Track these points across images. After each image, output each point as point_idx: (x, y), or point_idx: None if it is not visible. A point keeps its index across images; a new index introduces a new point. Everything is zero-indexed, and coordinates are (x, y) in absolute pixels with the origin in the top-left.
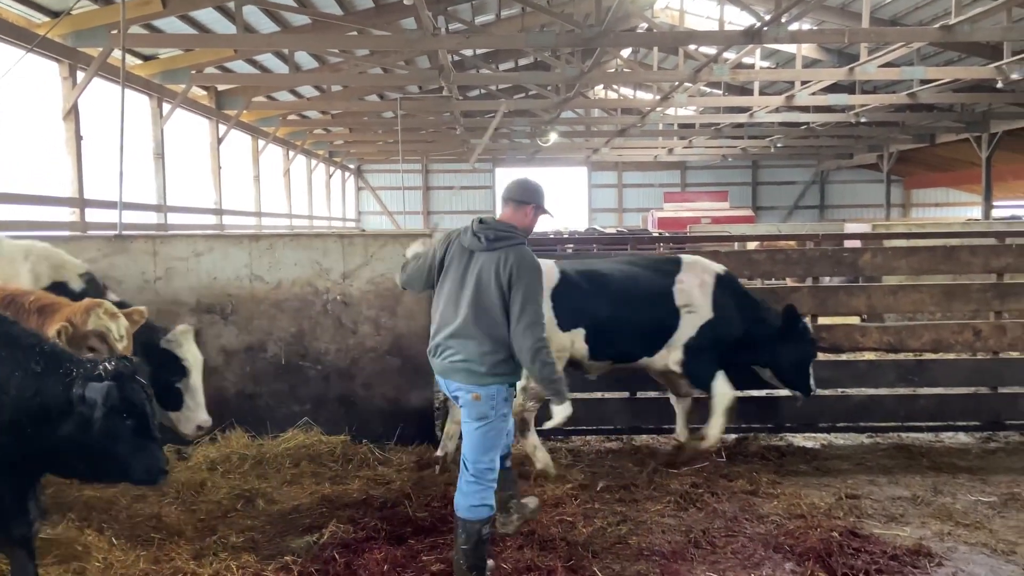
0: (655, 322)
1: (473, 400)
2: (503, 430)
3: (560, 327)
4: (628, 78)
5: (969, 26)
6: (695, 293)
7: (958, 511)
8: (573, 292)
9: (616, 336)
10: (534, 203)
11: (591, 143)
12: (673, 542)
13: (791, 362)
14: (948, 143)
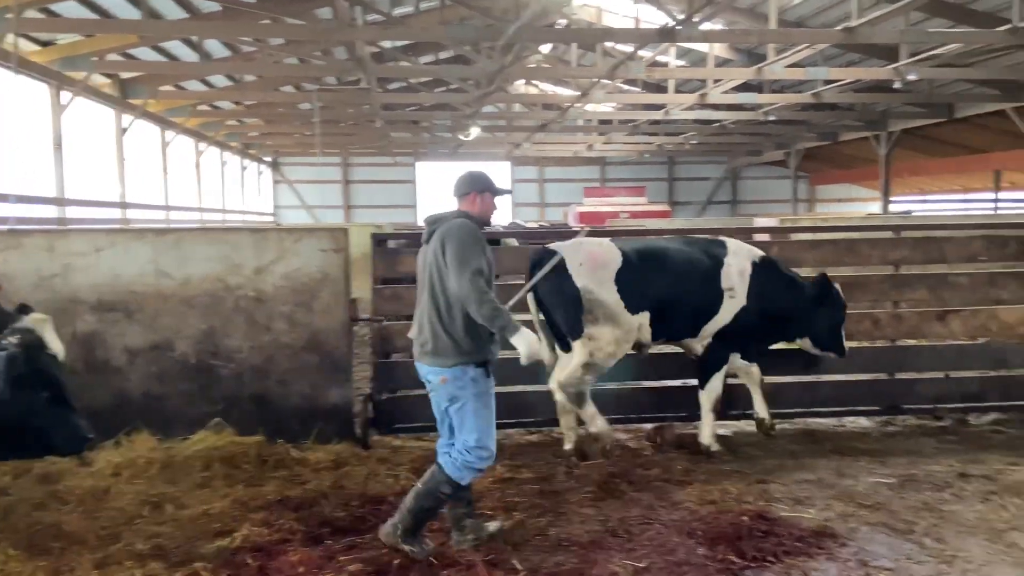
0: (706, 304)
1: (441, 383)
2: (481, 410)
3: (629, 310)
4: (548, 74)
5: (869, 29)
6: (736, 279)
7: (860, 493)
8: (637, 275)
9: (674, 317)
10: (475, 190)
11: (513, 138)
12: (591, 532)
13: (827, 328)
14: (850, 141)
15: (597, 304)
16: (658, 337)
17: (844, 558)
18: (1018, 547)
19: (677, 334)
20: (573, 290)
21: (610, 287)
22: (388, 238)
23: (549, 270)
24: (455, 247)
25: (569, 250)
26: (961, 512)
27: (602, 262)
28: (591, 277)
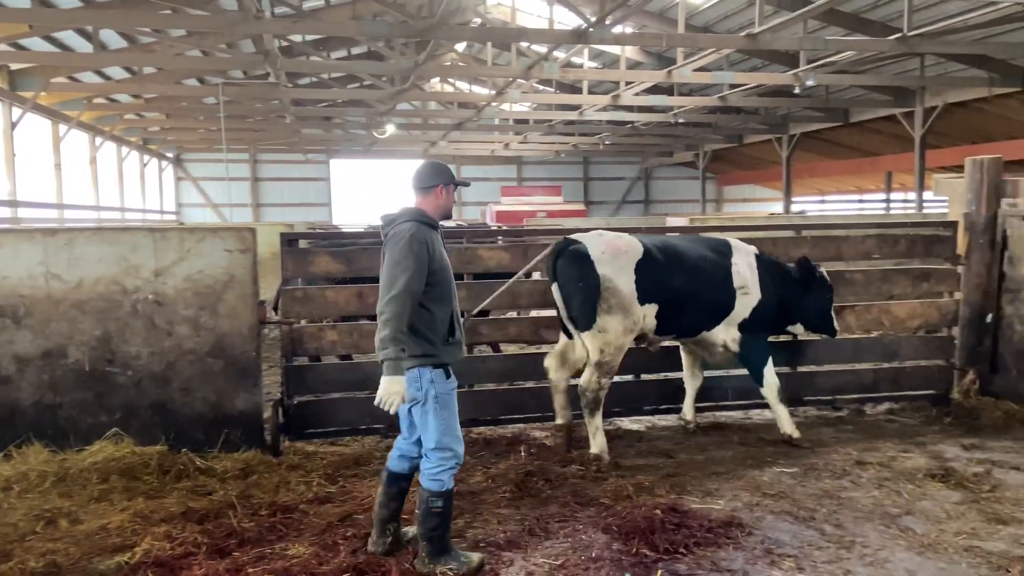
0: (721, 299)
1: None
2: (448, 413)
3: (639, 300)
4: (463, 72)
5: (770, 35)
6: (747, 275)
7: (765, 482)
8: (656, 267)
9: (688, 311)
10: (441, 183)
11: (429, 136)
12: (509, 531)
13: (817, 311)
14: (754, 143)
15: (613, 293)
16: (670, 331)
17: (751, 546)
18: (912, 531)
19: (694, 328)
20: (595, 278)
21: (628, 276)
22: (299, 237)
23: (556, 259)
24: (388, 263)
25: (591, 240)
26: (858, 498)
27: (623, 251)
28: (611, 265)
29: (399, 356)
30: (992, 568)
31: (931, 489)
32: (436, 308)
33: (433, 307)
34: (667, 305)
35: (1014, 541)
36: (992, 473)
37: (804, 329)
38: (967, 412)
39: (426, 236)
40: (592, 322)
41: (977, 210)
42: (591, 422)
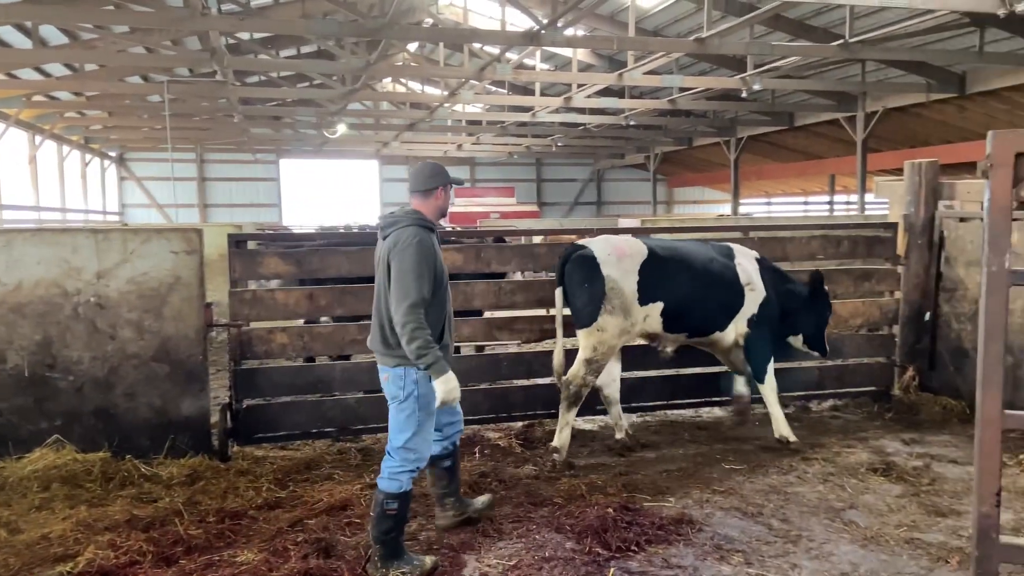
0: (729, 299)
1: (384, 381)
2: (424, 415)
3: (640, 301)
4: (415, 72)
5: (718, 40)
6: (752, 274)
7: (715, 479)
8: (660, 267)
9: (697, 311)
10: (441, 184)
11: (381, 136)
12: (463, 533)
13: (817, 326)
14: (703, 146)
15: (617, 294)
16: (680, 331)
17: (701, 543)
18: (855, 524)
19: (705, 328)
20: (600, 280)
21: (632, 277)
22: (248, 239)
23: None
24: (399, 274)
25: (598, 244)
26: (804, 493)
27: (628, 253)
28: (617, 267)
29: (438, 356)
30: (932, 559)
31: (873, 483)
32: (431, 312)
33: (429, 311)
34: (673, 304)
35: (952, 532)
36: (931, 467)
37: (801, 343)
38: (907, 408)
39: (430, 241)
40: (593, 321)
41: (916, 212)
42: (564, 416)
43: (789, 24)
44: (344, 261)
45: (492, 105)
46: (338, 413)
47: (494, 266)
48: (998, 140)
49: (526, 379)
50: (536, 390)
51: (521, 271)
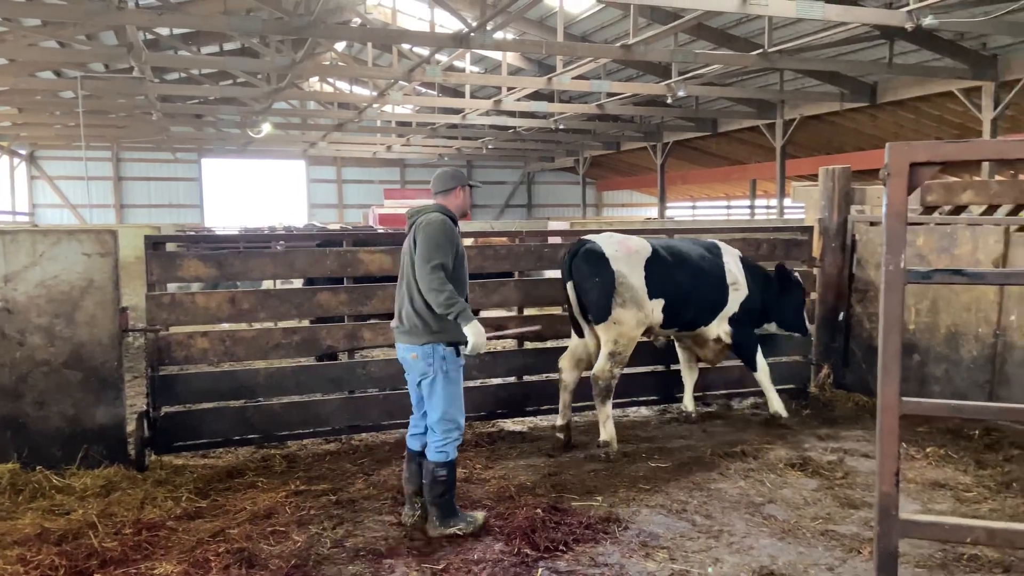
0: (717, 296)
1: (412, 360)
2: (449, 385)
3: (649, 295)
4: (343, 72)
5: (644, 47)
6: (737, 272)
7: (641, 478)
8: (662, 265)
9: (689, 306)
10: (458, 185)
11: (308, 136)
12: (390, 538)
13: (792, 311)
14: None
15: (627, 288)
16: (673, 325)
17: (627, 540)
18: (774, 518)
19: (693, 322)
20: (609, 274)
21: (639, 272)
22: (166, 240)
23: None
24: (424, 242)
25: (604, 240)
26: (726, 489)
27: (635, 249)
28: (625, 262)
29: (465, 306)
30: (845, 550)
31: (791, 478)
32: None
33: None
34: (672, 300)
35: (864, 524)
36: (844, 461)
37: (777, 327)
38: (823, 404)
39: (452, 225)
40: (608, 314)
41: (830, 216)
42: (602, 410)
43: (711, 33)
44: (269, 263)
45: (422, 107)
46: (262, 419)
47: None
48: (894, 151)
49: None
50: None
51: None
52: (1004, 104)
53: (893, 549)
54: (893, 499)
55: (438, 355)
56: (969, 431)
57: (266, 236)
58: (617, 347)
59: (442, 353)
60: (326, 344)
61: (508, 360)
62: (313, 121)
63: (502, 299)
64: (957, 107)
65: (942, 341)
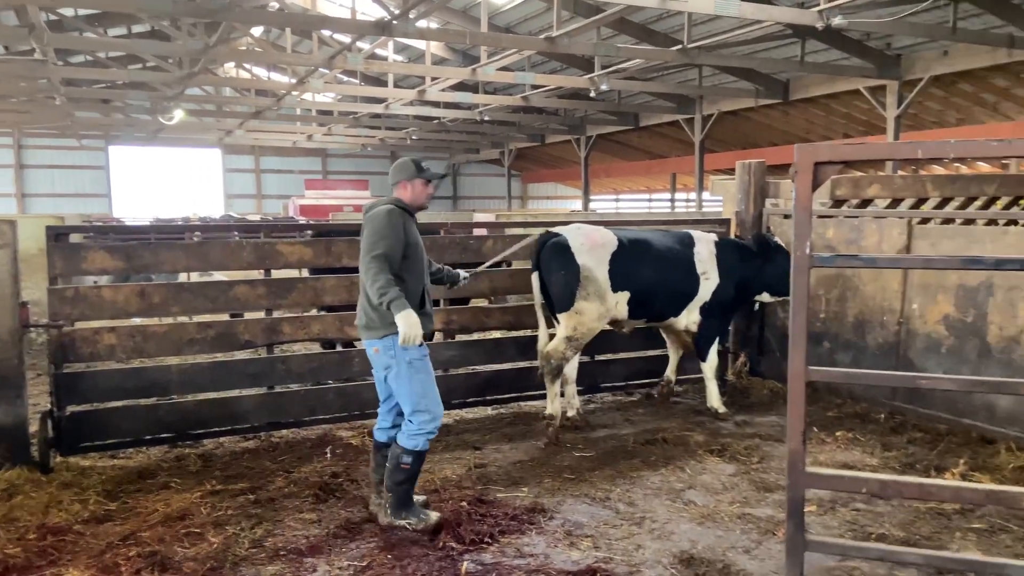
0: (686, 287)
1: (375, 354)
2: (415, 375)
3: (612, 288)
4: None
5: (567, 40)
6: (707, 262)
7: (566, 467)
8: (628, 258)
9: (657, 298)
10: (403, 179)
11: (224, 124)
12: (312, 537)
13: (779, 278)
14: (556, 143)
15: (591, 281)
16: (640, 316)
17: (552, 530)
18: (694, 503)
19: (662, 314)
20: (575, 267)
21: (604, 266)
22: (70, 231)
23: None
24: (366, 233)
25: (571, 233)
26: (648, 476)
27: (600, 243)
28: (591, 255)
29: (399, 294)
30: (761, 532)
31: (710, 463)
32: (409, 280)
33: (407, 278)
34: (638, 294)
35: (779, 506)
36: (760, 446)
37: (771, 296)
38: (739, 391)
39: (400, 216)
40: (570, 305)
41: (746, 209)
42: (550, 388)
43: (633, 28)
44: (182, 255)
45: (344, 95)
46: (175, 418)
47: (345, 261)
48: (800, 152)
49: None
50: None
51: None
52: (907, 103)
53: (800, 497)
54: (800, 455)
55: (397, 345)
56: (875, 415)
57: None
58: (575, 334)
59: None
60: (244, 339)
61: (433, 353)
62: (229, 108)
63: None
64: (864, 105)
65: (850, 329)
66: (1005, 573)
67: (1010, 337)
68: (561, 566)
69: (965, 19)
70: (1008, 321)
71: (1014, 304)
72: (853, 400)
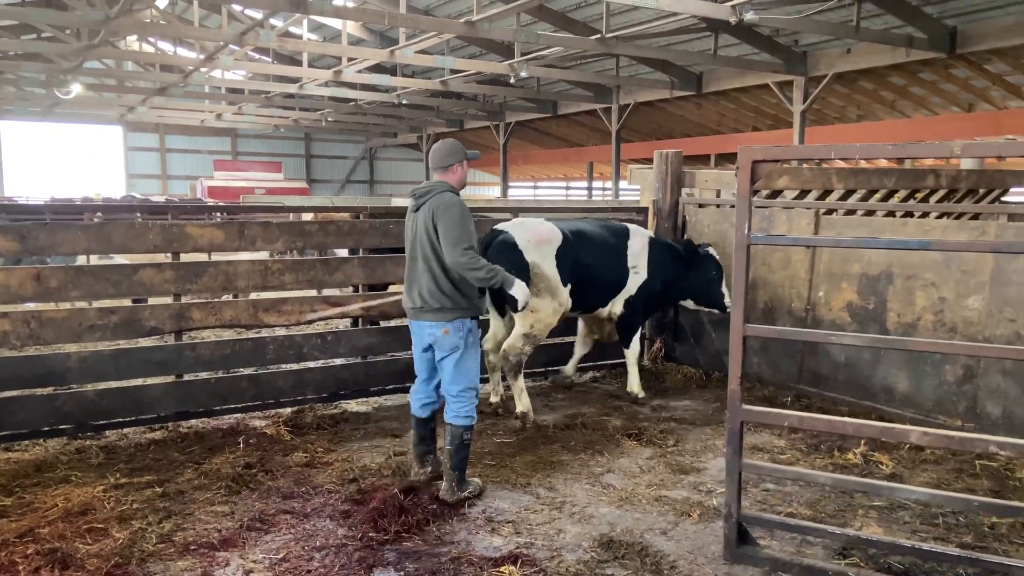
0: (617, 279)
1: (443, 335)
2: (475, 356)
3: (562, 282)
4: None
5: (487, 24)
6: (638, 257)
7: (487, 453)
8: (571, 251)
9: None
10: (458, 160)
11: (125, 100)
12: (224, 530)
13: (705, 286)
14: (475, 129)
15: (541, 278)
16: (577, 308)
17: (474, 517)
18: (612, 487)
19: (593, 305)
20: (523, 265)
21: (551, 261)
22: None
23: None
24: (448, 226)
25: (516, 229)
26: (568, 462)
27: (546, 238)
28: (537, 252)
29: (505, 273)
30: (677, 514)
31: (628, 447)
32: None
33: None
34: (578, 285)
35: (694, 488)
36: (675, 430)
37: (695, 304)
38: (655, 376)
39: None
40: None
41: (663, 197)
42: (515, 384)
43: (553, 15)
44: (81, 237)
45: (255, 73)
46: (75, 408)
47: (259, 244)
48: (742, 152)
49: (296, 363)
50: (307, 374)
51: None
52: (812, 98)
53: (739, 428)
54: (738, 394)
55: (467, 328)
56: (783, 399)
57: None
58: (532, 331)
59: (469, 326)
60: (149, 326)
61: (351, 339)
62: (132, 84)
63: (344, 277)
64: (772, 99)
65: (760, 317)
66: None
67: (907, 323)
68: (483, 552)
69: (868, 19)
70: (906, 308)
71: (911, 292)
72: (761, 384)
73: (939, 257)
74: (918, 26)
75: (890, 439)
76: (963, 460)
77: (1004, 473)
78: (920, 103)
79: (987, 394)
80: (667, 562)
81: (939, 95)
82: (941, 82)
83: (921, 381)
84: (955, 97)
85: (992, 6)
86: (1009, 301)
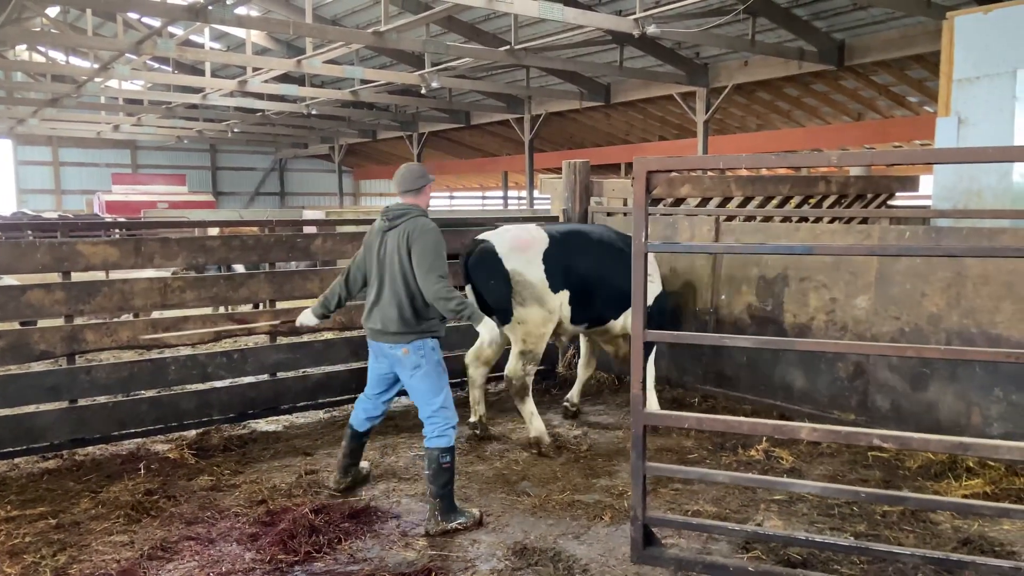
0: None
1: (404, 355)
2: (440, 374)
3: (552, 288)
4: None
5: (396, 35)
6: (652, 265)
7: (401, 468)
8: (562, 253)
9: (597, 298)
10: (427, 183)
11: (15, 112)
12: (124, 560)
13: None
14: (388, 139)
15: (524, 285)
16: (582, 320)
17: (387, 532)
18: (527, 495)
19: (601, 317)
20: (503, 274)
21: (537, 266)
22: None
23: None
24: (423, 252)
25: (498, 237)
26: (483, 471)
27: (528, 243)
28: (520, 258)
29: (475, 308)
30: (590, 518)
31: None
32: None
33: None
34: (578, 292)
35: (606, 492)
36: (588, 435)
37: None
38: (568, 383)
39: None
40: (510, 316)
41: (572, 207)
42: (524, 408)
43: (462, 27)
44: None
45: (155, 83)
46: None
47: (157, 261)
48: (637, 163)
49: (201, 383)
50: (212, 394)
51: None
52: (714, 108)
53: (642, 432)
54: (640, 398)
55: (427, 347)
56: (690, 400)
57: None
58: (526, 346)
59: (431, 345)
60: (39, 349)
61: (259, 356)
62: (21, 95)
63: (250, 293)
64: (676, 109)
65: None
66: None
67: (802, 323)
68: (396, 568)
69: (762, 32)
70: (800, 309)
71: (805, 294)
72: (670, 387)
73: (829, 260)
74: (809, 40)
75: (783, 436)
76: (857, 452)
77: (895, 463)
78: (813, 113)
79: (876, 388)
80: (579, 566)
81: (830, 105)
82: (832, 93)
83: (816, 378)
84: (845, 107)
85: (876, 20)
86: (893, 300)
